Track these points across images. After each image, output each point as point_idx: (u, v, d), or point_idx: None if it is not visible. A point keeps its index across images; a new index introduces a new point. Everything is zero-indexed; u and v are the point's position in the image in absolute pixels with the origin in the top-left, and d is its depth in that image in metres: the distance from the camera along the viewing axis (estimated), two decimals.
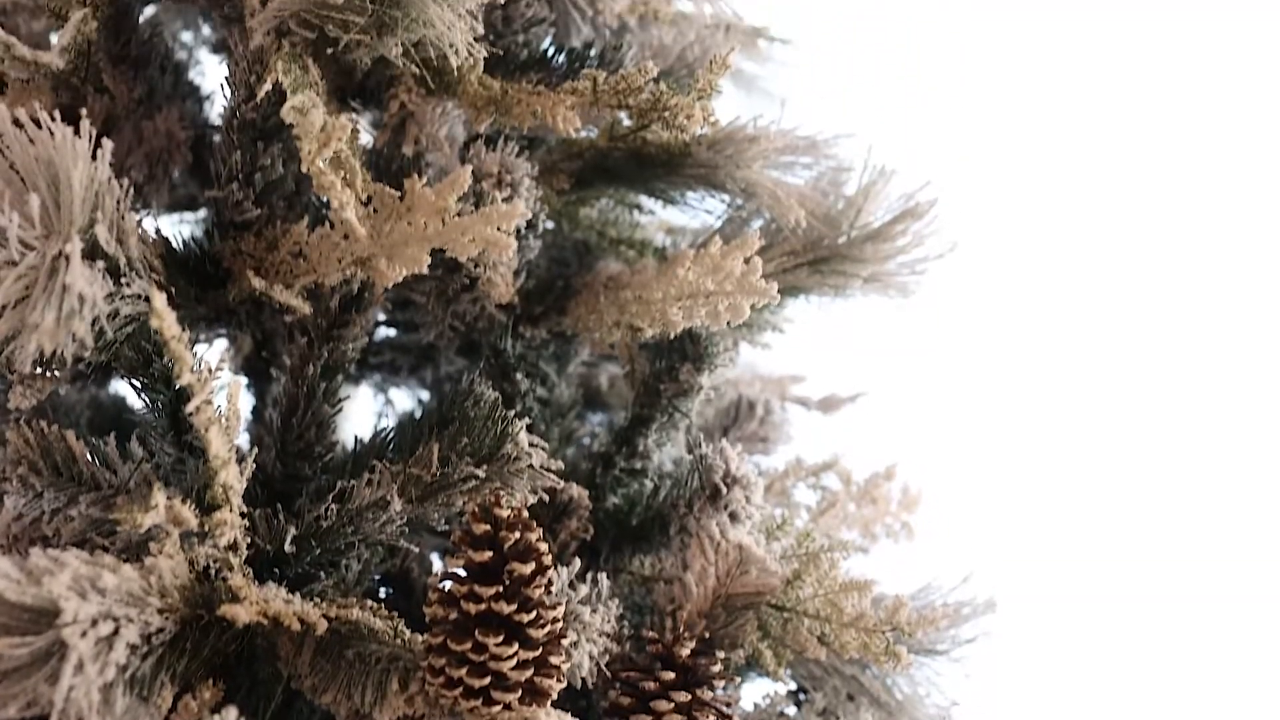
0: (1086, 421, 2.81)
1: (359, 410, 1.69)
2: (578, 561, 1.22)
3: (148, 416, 1.17)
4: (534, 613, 1.03)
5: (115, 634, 0.93)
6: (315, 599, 1.12)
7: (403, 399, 1.67)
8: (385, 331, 1.56)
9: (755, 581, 1.22)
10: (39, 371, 1.11)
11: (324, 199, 1.10)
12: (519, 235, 1.26)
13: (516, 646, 1.02)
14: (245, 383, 1.48)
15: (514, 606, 1.02)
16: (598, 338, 1.34)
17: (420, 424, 1.20)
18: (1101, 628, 2.66)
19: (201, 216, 1.50)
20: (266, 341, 1.40)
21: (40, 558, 0.91)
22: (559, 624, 1.06)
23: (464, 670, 1.02)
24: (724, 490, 1.26)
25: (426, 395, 1.61)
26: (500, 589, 1.02)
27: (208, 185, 1.28)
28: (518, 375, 1.36)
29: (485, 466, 1.13)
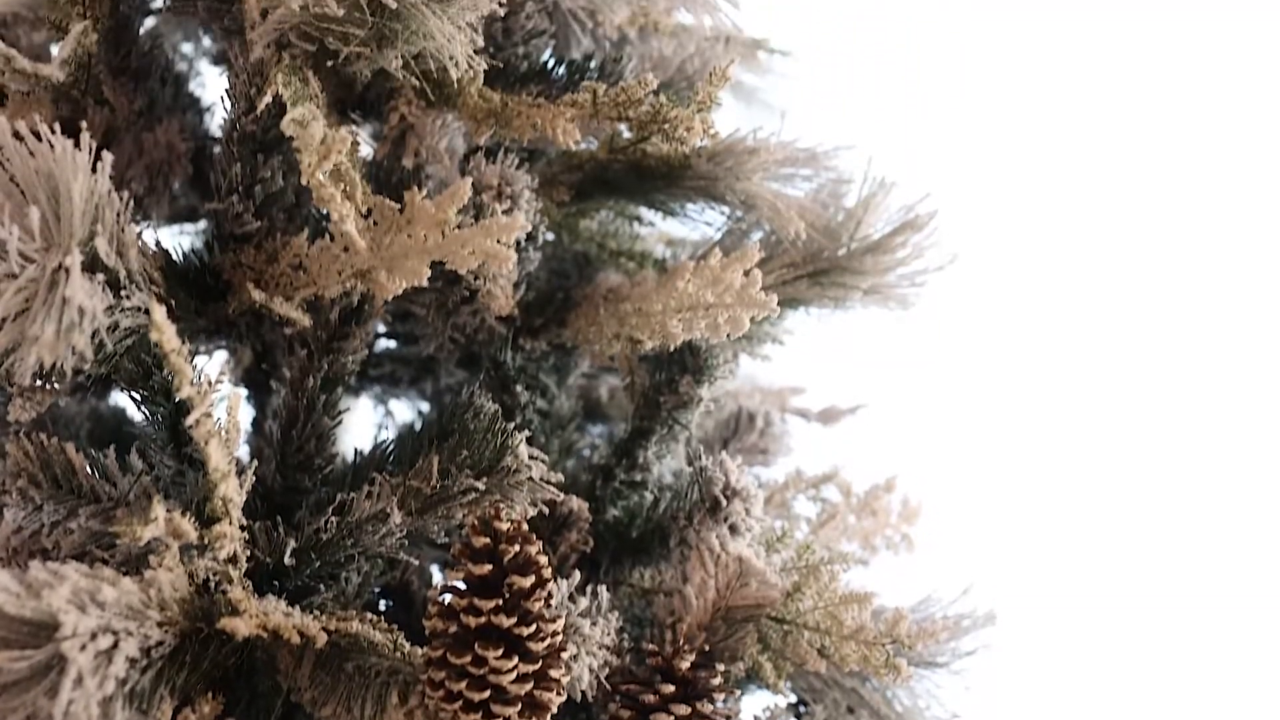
0: (1087, 432, 2.81)
1: (359, 421, 1.69)
2: (577, 574, 1.22)
3: (147, 429, 1.17)
4: (534, 626, 1.03)
5: (114, 647, 0.92)
6: (315, 612, 1.11)
7: (403, 410, 1.67)
8: (385, 343, 1.56)
9: (755, 594, 1.22)
10: (39, 384, 1.11)
11: (324, 211, 1.10)
12: (519, 247, 1.26)
13: (516, 660, 1.02)
14: (245, 395, 1.48)
15: (514, 620, 1.02)
16: (597, 350, 1.34)
17: (420, 436, 1.20)
18: (1102, 640, 2.65)
19: (202, 228, 1.50)
20: (266, 354, 1.40)
21: (40, 571, 0.91)
22: (559, 637, 1.06)
23: (464, 684, 1.02)
24: (724, 502, 1.26)
25: (426, 407, 1.61)
26: (500, 602, 1.02)
27: (208, 197, 1.28)
28: (518, 387, 1.36)
29: (485, 479, 1.12)
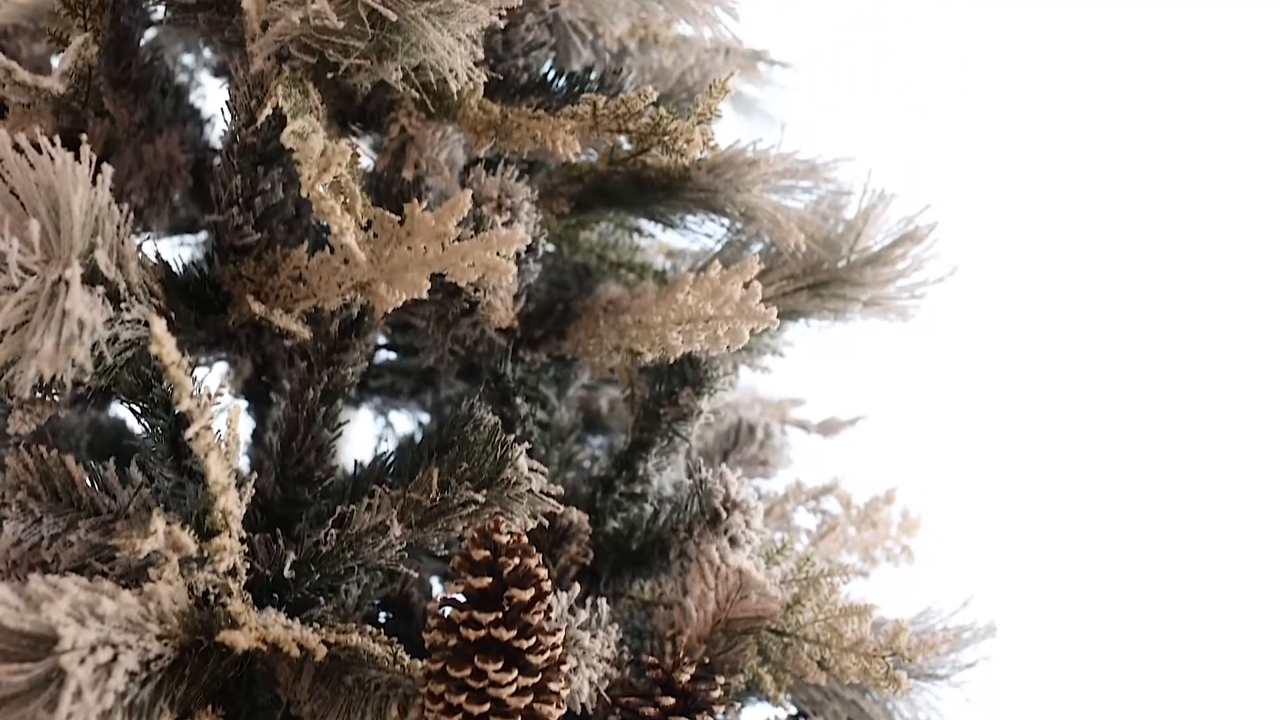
0: (1089, 443, 2.81)
1: (359, 432, 1.69)
2: (577, 586, 1.22)
3: (147, 441, 1.17)
4: (533, 639, 1.03)
5: (114, 660, 0.92)
6: (314, 624, 1.11)
7: (403, 421, 1.67)
8: (385, 355, 1.56)
9: (755, 606, 1.21)
10: (38, 396, 1.11)
11: (324, 224, 1.10)
12: (519, 259, 1.26)
13: (516, 673, 1.02)
14: (245, 407, 1.48)
15: (513, 633, 1.02)
16: (597, 361, 1.34)
17: (420, 448, 1.20)
18: (1102, 652, 2.65)
19: (202, 240, 1.50)
20: (266, 366, 1.40)
21: (39, 584, 0.91)
22: (558, 650, 1.06)
23: (463, 697, 1.01)
24: (724, 515, 1.26)
25: (427, 418, 1.61)
26: (500, 615, 1.02)
27: (208, 209, 1.28)
28: (517, 399, 1.36)
29: (485, 491, 1.12)
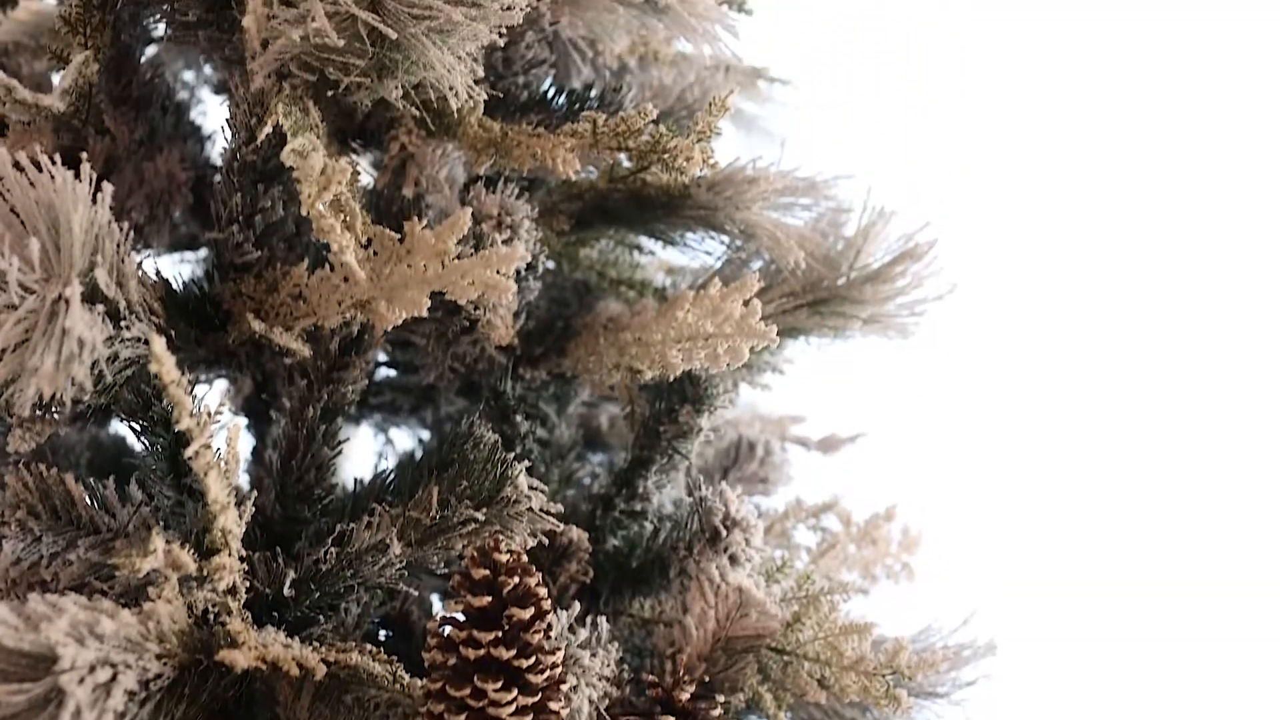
0: (1090, 460, 2.80)
1: (359, 450, 1.69)
2: (577, 605, 1.21)
3: (147, 459, 1.17)
4: (533, 658, 1.03)
5: (113, 680, 0.92)
6: (314, 643, 1.11)
7: (403, 439, 1.67)
8: (385, 372, 1.56)
9: (755, 624, 1.21)
10: (38, 414, 1.11)
11: (324, 242, 1.10)
12: (519, 277, 1.26)
13: (515, 692, 1.02)
14: (245, 425, 1.48)
15: (513, 652, 1.02)
16: (597, 379, 1.34)
17: (420, 466, 1.20)
18: (1103, 668, 2.65)
19: (202, 257, 1.50)
20: (266, 383, 1.40)
21: (38, 603, 0.91)
22: (558, 669, 1.05)
23: (463, 716, 1.01)
24: (724, 533, 1.26)
25: (427, 435, 1.61)
26: (499, 634, 1.02)
27: (208, 226, 1.28)
28: (517, 417, 1.36)
29: (485, 510, 1.12)
